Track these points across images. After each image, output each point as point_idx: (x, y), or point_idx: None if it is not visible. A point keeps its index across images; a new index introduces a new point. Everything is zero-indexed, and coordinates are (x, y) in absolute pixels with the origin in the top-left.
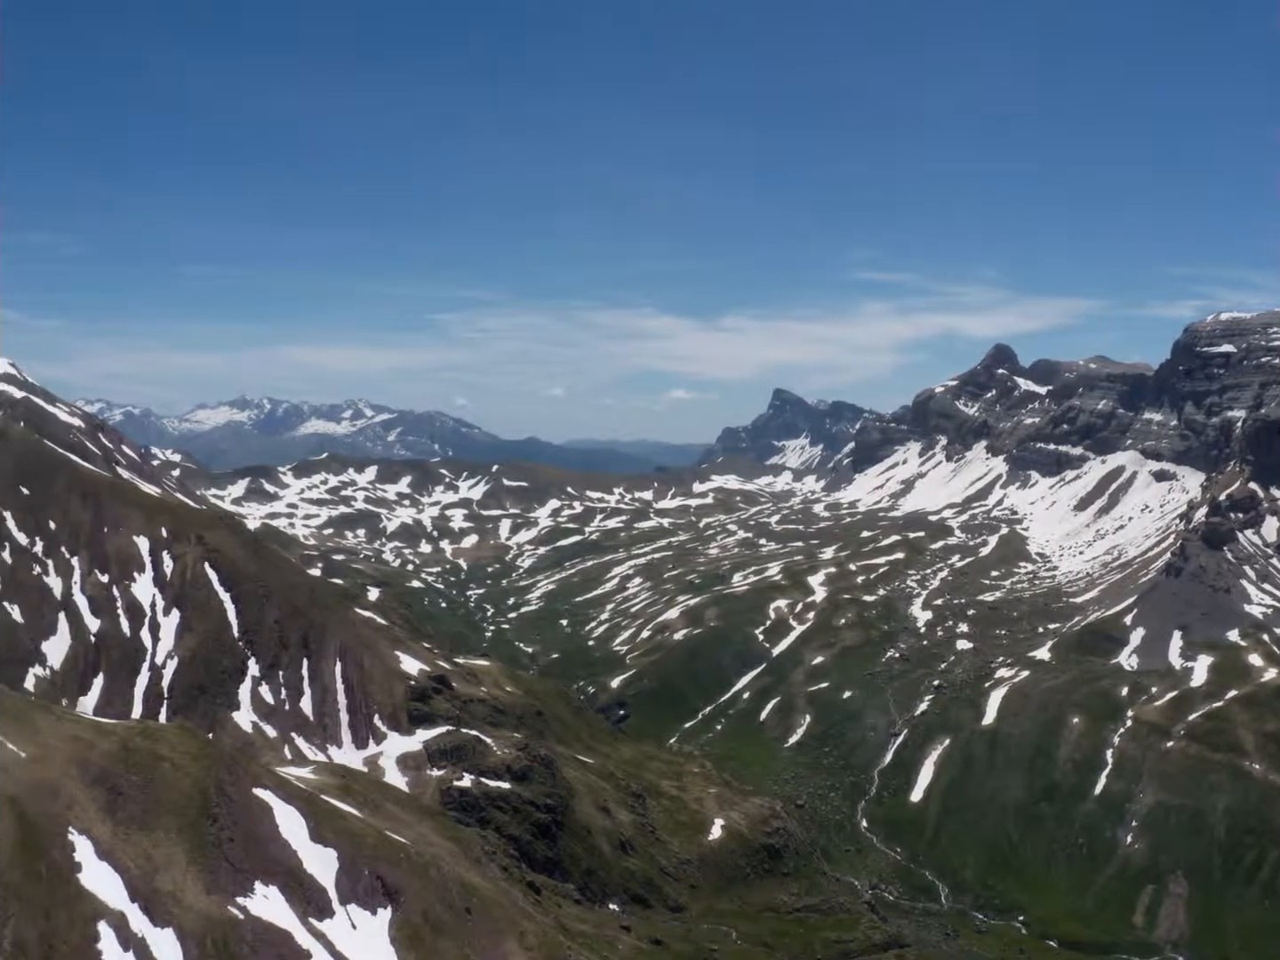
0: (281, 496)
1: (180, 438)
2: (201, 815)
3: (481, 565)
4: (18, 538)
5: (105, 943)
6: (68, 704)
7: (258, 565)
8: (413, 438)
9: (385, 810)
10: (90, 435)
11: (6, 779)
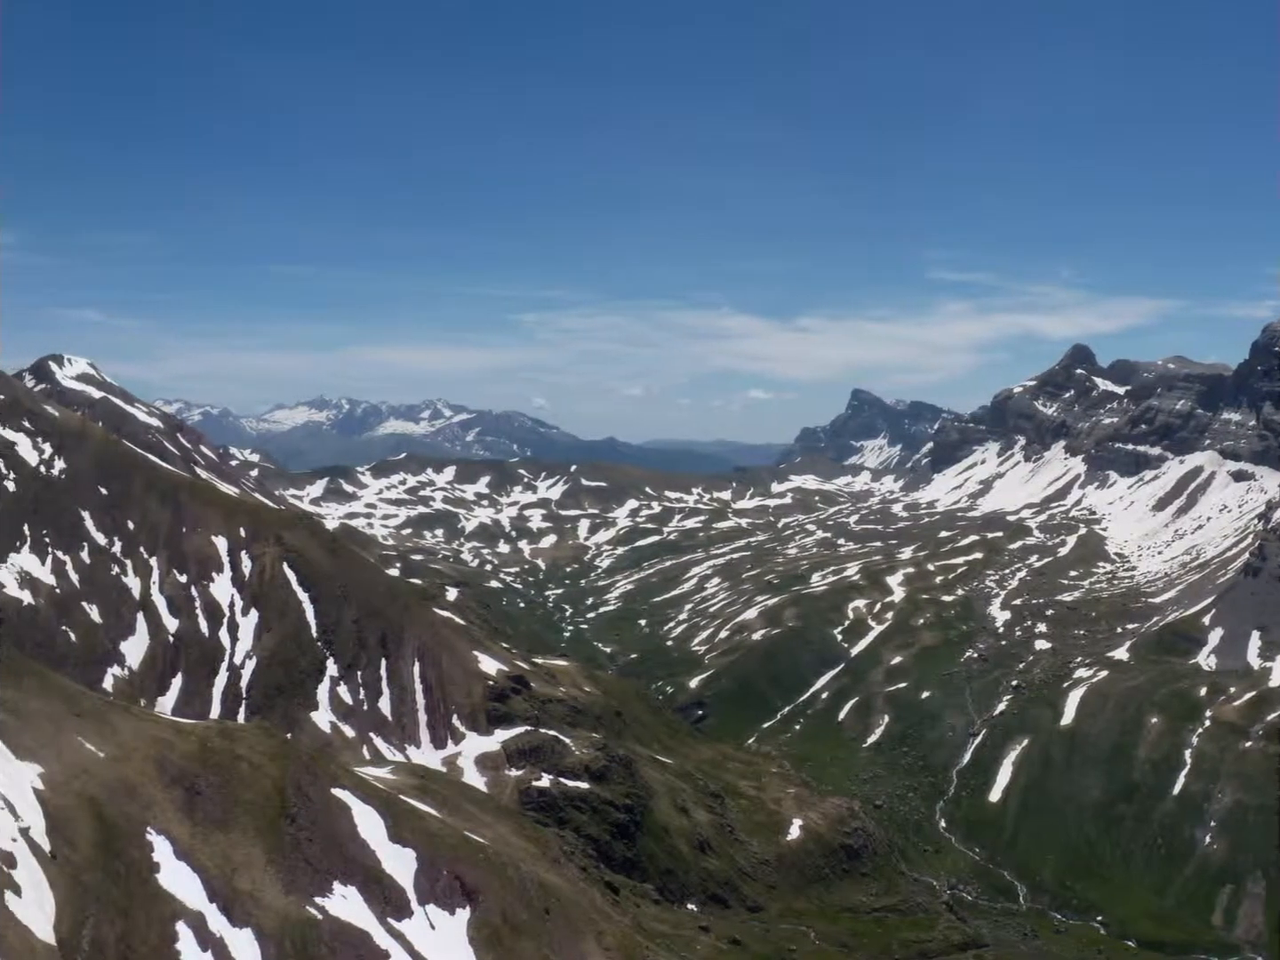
0: (360, 497)
1: (259, 438)
2: (280, 815)
3: (560, 565)
4: (96, 538)
5: (184, 943)
6: (146, 704)
7: (336, 565)
8: (491, 438)
9: (464, 810)
10: (169, 435)
11: (86, 780)
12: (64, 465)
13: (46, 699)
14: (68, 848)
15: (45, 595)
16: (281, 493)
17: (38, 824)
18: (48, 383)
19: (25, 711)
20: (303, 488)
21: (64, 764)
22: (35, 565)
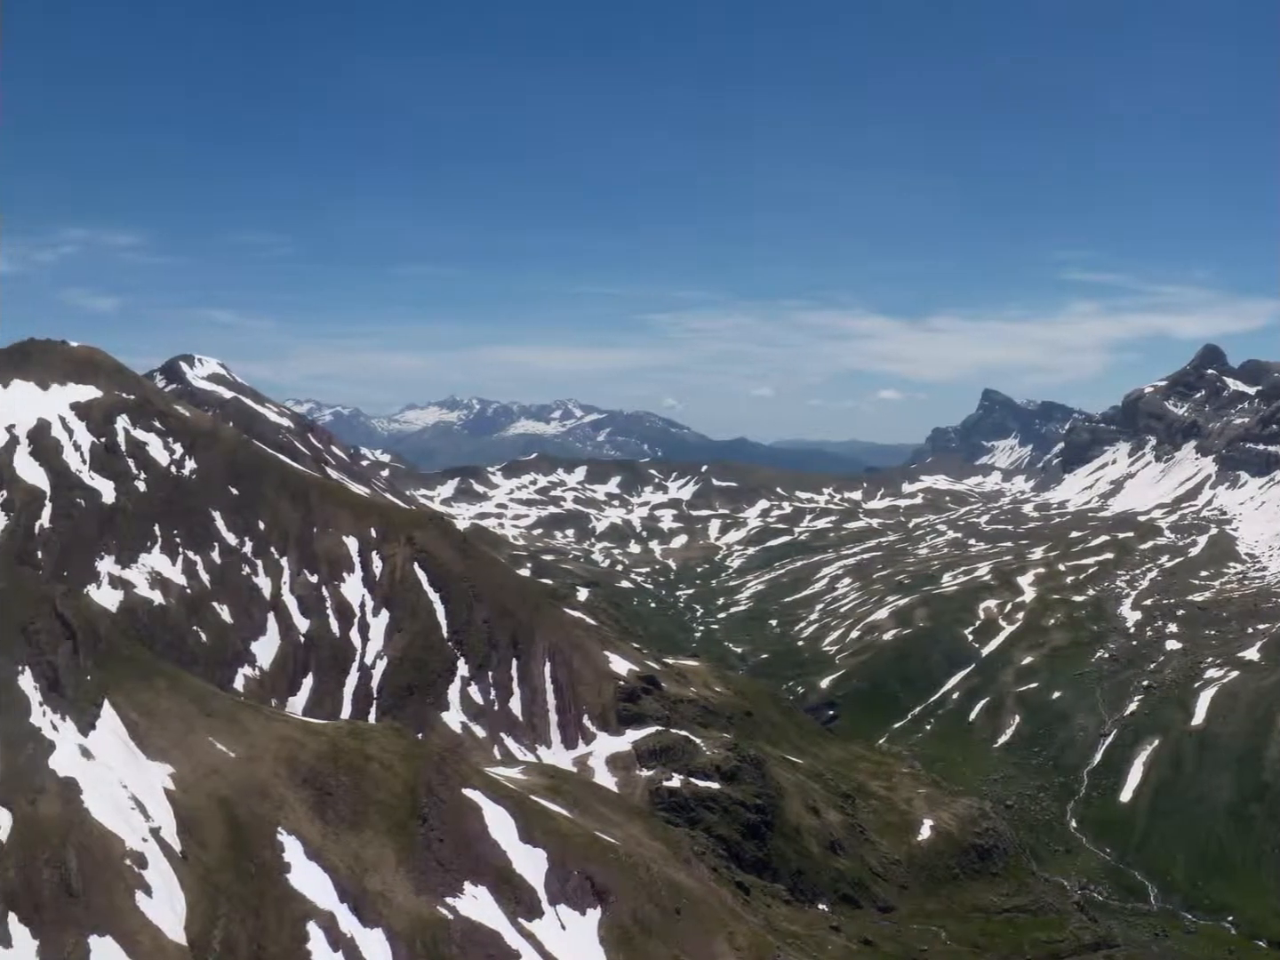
0: (491, 497)
1: (390, 438)
2: (411, 815)
3: (691, 565)
4: (227, 538)
5: (315, 943)
6: (277, 704)
7: (467, 565)
8: (622, 438)
9: (594, 811)
10: (300, 435)
11: (217, 780)
12: (195, 465)
13: (177, 699)
14: (199, 848)
15: (176, 595)
16: (412, 493)
17: (168, 824)
18: (179, 383)
19: (156, 712)
20: (433, 488)
21: (195, 764)
22: (166, 565)
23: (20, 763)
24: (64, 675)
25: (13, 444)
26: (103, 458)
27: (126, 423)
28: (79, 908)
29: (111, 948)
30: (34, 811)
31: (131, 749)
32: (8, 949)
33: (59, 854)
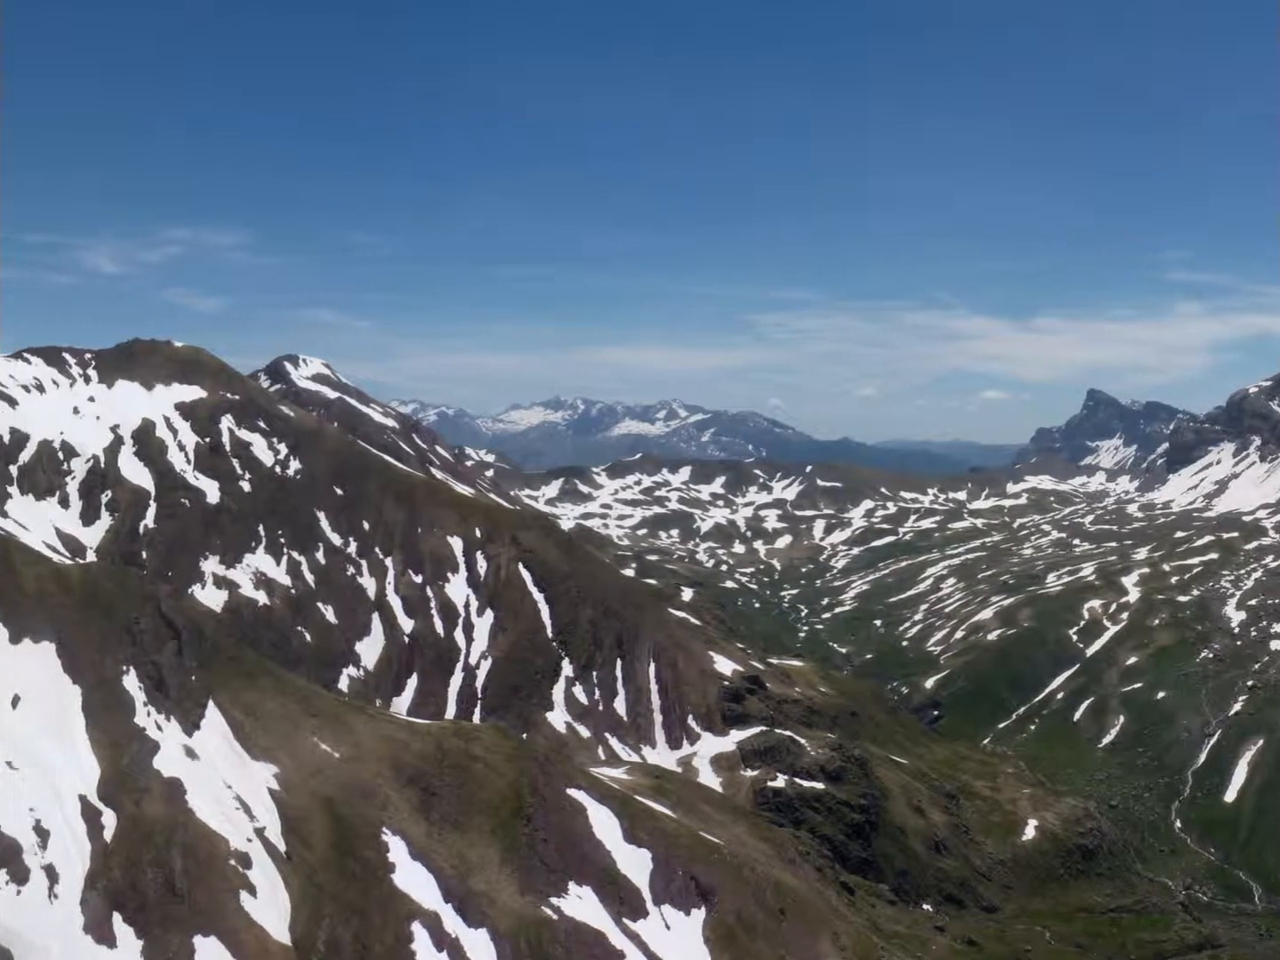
0: (595, 497)
1: (494, 438)
2: (515, 815)
3: (795, 565)
4: (331, 538)
5: (419, 943)
6: (381, 704)
7: (571, 566)
8: (726, 438)
9: (699, 811)
10: (404, 436)
11: (321, 780)
12: (299, 466)
13: (282, 700)
14: (303, 848)
15: (281, 596)
16: (517, 493)
17: (273, 824)
18: (283, 383)
19: (261, 712)
20: (538, 488)
21: (300, 764)
22: (271, 566)
23: (125, 763)
24: (168, 675)
25: (117, 444)
26: (207, 458)
27: (231, 423)
28: (183, 908)
29: (216, 948)
30: (139, 812)
31: (236, 749)
32: (112, 949)
33: (164, 854)
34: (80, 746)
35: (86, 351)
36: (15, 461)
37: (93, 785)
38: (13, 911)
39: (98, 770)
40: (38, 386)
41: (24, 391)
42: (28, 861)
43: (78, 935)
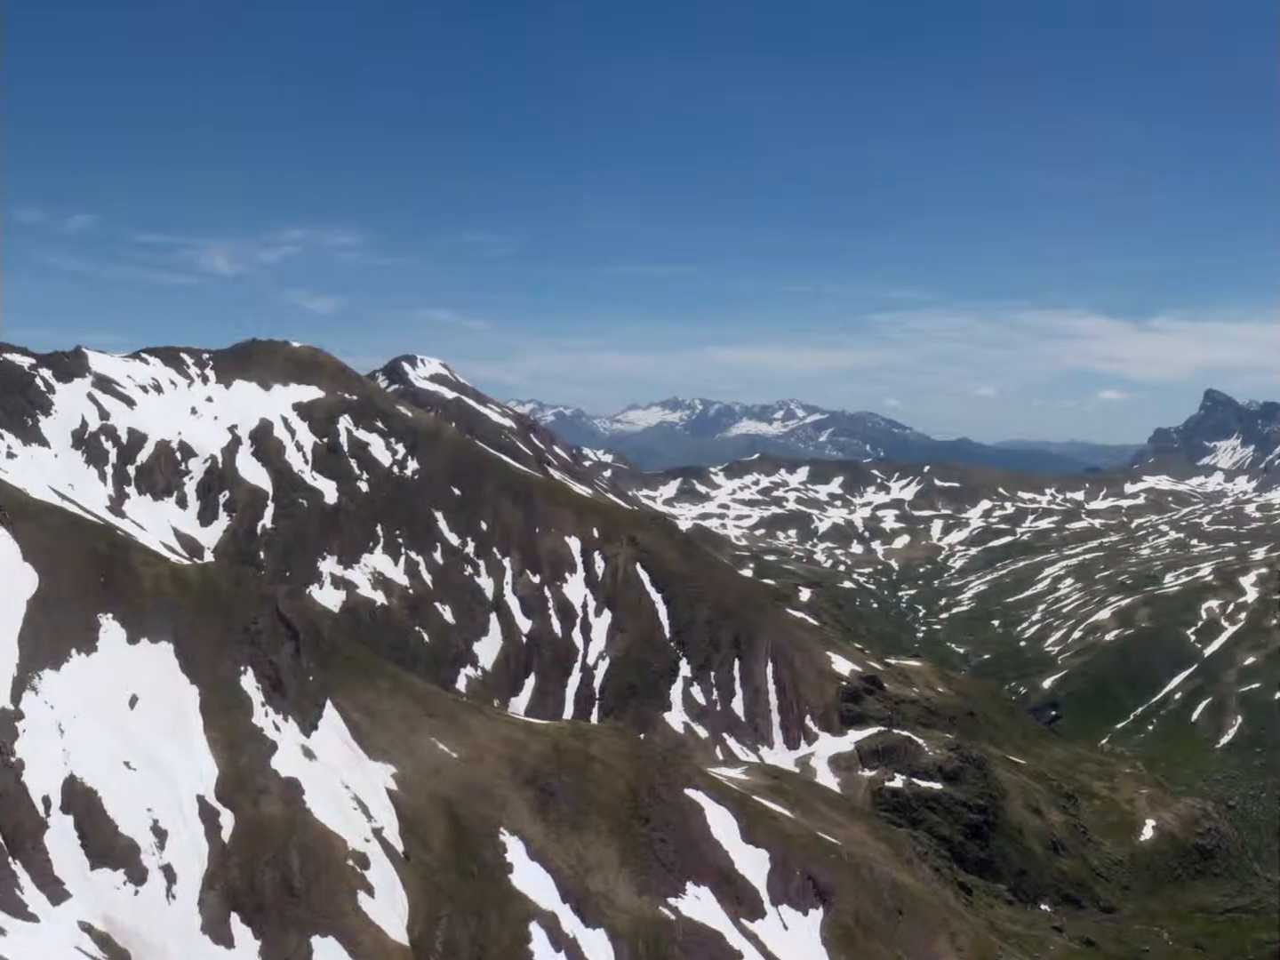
0: (713, 497)
1: (611, 438)
2: (633, 816)
3: (913, 566)
4: (449, 538)
5: (537, 943)
6: (499, 704)
7: (689, 566)
8: (844, 438)
9: (817, 811)
10: (522, 436)
11: (439, 780)
12: (417, 466)
13: (400, 700)
14: (421, 848)
15: (398, 596)
16: (634, 493)
17: (391, 825)
18: (401, 383)
19: (379, 712)
20: (656, 488)
21: (417, 764)
22: (388, 566)
23: (243, 763)
24: (286, 676)
25: (235, 444)
26: (325, 458)
27: (349, 423)
28: (301, 908)
29: (333, 948)
30: (257, 812)
31: (354, 749)
32: (230, 949)
33: (281, 855)
34: (198, 747)
35: (204, 352)
36: (133, 462)
37: (210, 785)
38: (131, 912)
39: (215, 770)
40: (155, 387)
41: (142, 392)
42: (145, 862)
43: (195, 935)
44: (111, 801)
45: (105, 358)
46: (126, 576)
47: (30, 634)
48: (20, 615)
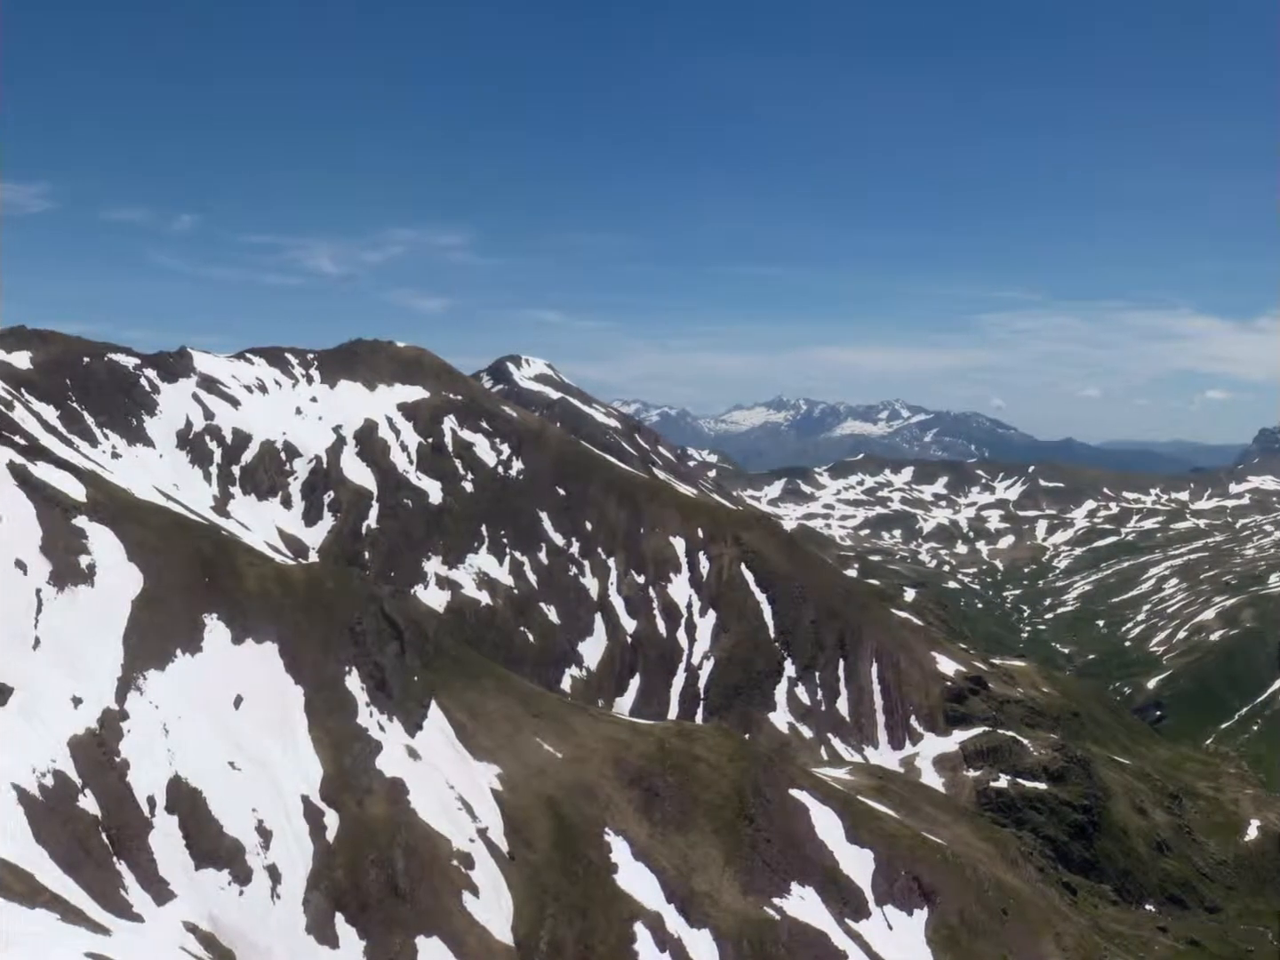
0: (817, 497)
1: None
2: (738, 816)
3: (1017, 566)
4: (554, 539)
5: (641, 943)
6: (604, 704)
7: (794, 566)
8: (949, 438)
9: (921, 811)
10: (627, 436)
11: (544, 780)
12: (522, 466)
13: (504, 700)
14: (526, 848)
15: (503, 596)
16: (739, 493)
17: (495, 825)
18: (505, 384)
19: (483, 712)
20: (760, 488)
21: (522, 764)
22: (493, 566)
23: (347, 763)
24: (391, 676)
25: (340, 444)
26: (429, 458)
27: (454, 423)
28: (406, 908)
29: (438, 948)
30: (361, 812)
31: (458, 749)
32: (334, 950)
33: (386, 855)
34: (303, 747)
35: (309, 352)
36: (238, 462)
37: (315, 785)
38: (236, 912)
39: (320, 770)
40: (260, 387)
41: (247, 392)
42: (250, 862)
43: (300, 936)
44: (216, 802)
45: (210, 358)
46: (231, 577)
47: (135, 634)
48: (125, 615)
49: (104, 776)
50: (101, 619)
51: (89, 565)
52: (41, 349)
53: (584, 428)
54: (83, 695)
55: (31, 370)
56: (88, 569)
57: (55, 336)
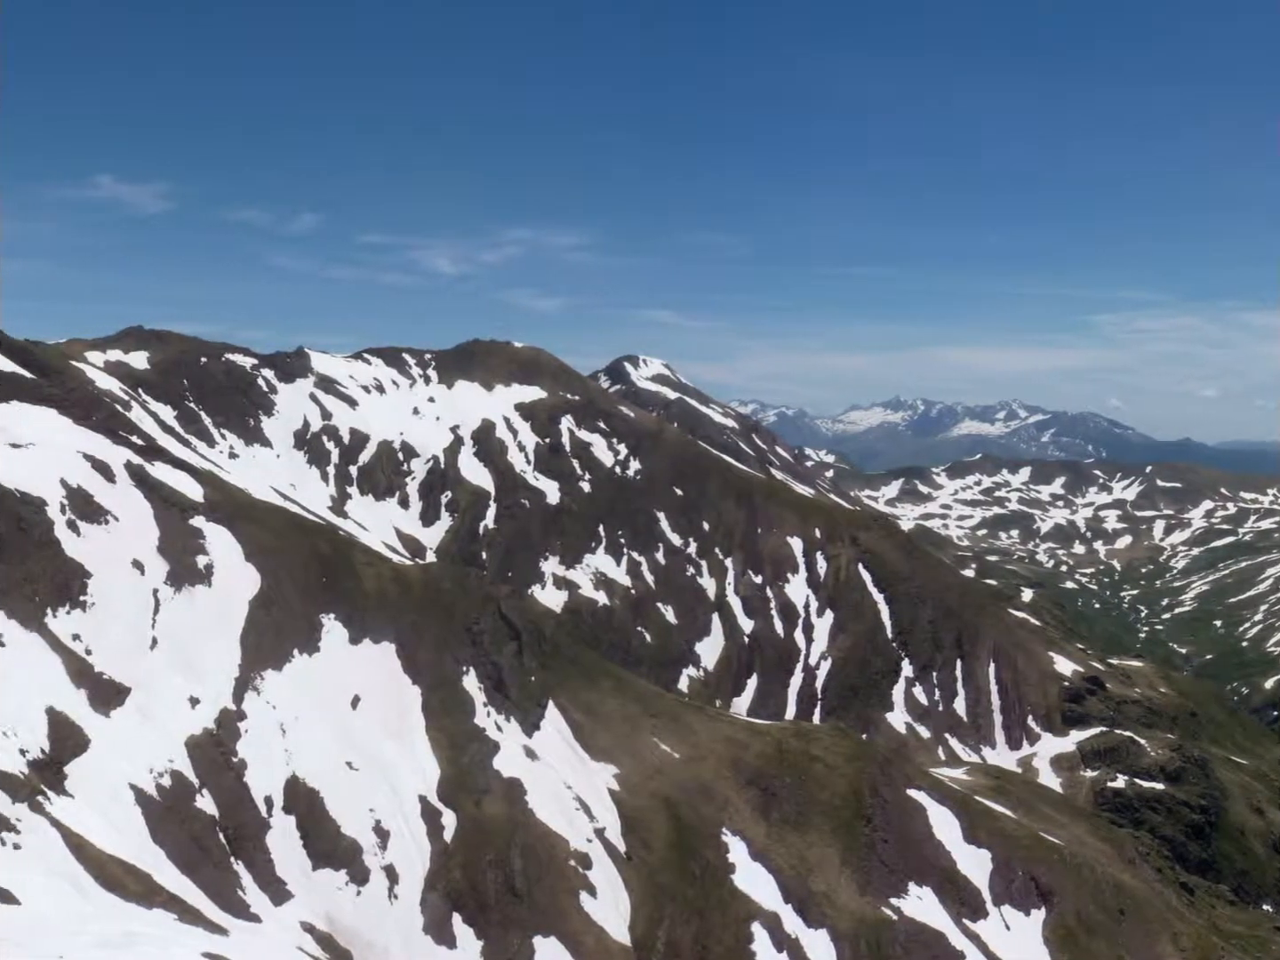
0: (935, 497)
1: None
2: (855, 816)
3: (1135, 566)
4: (671, 539)
5: (759, 943)
6: (721, 704)
7: (911, 566)
8: (1066, 439)
9: (1039, 811)
10: (744, 436)
11: (661, 780)
12: (639, 466)
13: (621, 700)
14: (643, 849)
15: (620, 596)
16: (856, 493)
17: (613, 825)
18: (623, 384)
19: (600, 712)
20: (877, 488)
21: (639, 765)
22: (610, 566)
23: (465, 763)
24: (508, 676)
25: (457, 445)
26: (547, 458)
27: (571, 423)
28: (523, 909)
29: (555, 948)
30: (479, 812)
31: (576, 749)
32: (452, 950)
33: (504, 855)
34: (420, 747)
35: (426, 352)
36: (355, 462)
37: (433, 786)
38: (353, 912)
39: (438, 771)
40: (378, 387)
41: (364, 392)
42: (368, 862)
43: (417, 936)
44: (334, 802)
45: (327, 358)
46: (348, 577)
47: (252, 634)
48: (242, 616)
49: (221, 777)
50: (219, 619)
51: (206, 565)
52: (159, 349)
53: (701, 428)
54: (200, 695)
55: (149, 370)
56: (205, 569)
57: (172, 337)
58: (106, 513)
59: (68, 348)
